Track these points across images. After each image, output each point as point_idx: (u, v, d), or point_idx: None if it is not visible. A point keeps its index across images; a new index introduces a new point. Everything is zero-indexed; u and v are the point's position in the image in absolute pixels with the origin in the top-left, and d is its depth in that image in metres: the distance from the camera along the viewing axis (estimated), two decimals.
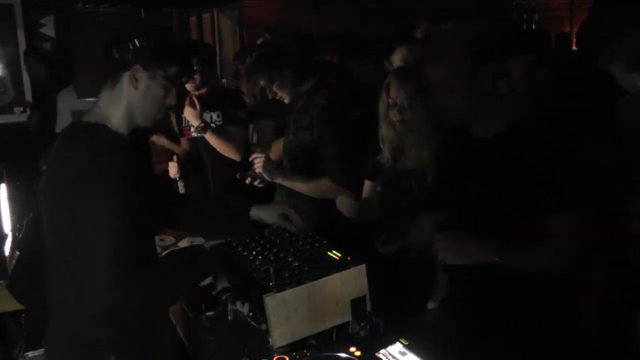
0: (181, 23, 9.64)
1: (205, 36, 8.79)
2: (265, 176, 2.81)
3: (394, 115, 2.37)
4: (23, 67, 6.24)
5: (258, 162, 2.79)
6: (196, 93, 3.52)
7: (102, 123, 1.71)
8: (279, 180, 2.83)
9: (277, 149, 3.46)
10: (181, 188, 3.44)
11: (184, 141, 3.75)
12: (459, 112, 1.77)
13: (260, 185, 2.95)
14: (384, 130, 2.43)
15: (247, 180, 2.95)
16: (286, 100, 2.80)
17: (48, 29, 6.52)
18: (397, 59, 3.32)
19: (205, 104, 3.55)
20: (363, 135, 2.63)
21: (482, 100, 1.75)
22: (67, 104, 4.30)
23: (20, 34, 6.13)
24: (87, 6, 6.44)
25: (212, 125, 3.49)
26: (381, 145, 2.48)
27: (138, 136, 1.82)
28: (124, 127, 1.74)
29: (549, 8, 8.57)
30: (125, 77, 1.70)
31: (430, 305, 2.22)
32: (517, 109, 1.84)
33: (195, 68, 3.44)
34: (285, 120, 2.92)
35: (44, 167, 1.78)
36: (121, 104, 1.72)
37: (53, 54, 6.33)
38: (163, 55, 1.71)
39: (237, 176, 2.99)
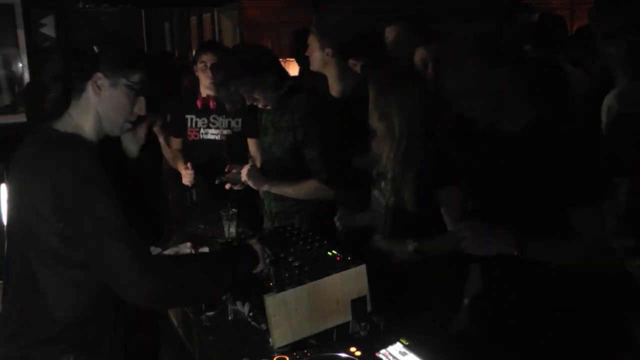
0: (181, 23, 9.65)
1: (205, 36, 8.79)
2: (252, 184, 2.79)
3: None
4: (25, 67, 6.23)
5: (243, 170, 2.77)
6: (208, 93, 3.48)
7: (77, 133, 1.71)
8: (265, 188, 2.81)
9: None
10: (194, 196, 3.41)
11: (177, 142, 3.67)
12: (481, 108, 1.78)
13: (239, 189, 2.94)
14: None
15: (227, 186, 2.94)
16: (260, 105, 2.74)
17: (48, 29, 6.51)
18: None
19: (222, 109, 3.44)
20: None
21: (505, 96, 1.77)
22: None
23: (20, 34, 6.11)
24: (87, 6, 6.45)
25: (229, 130, 3.51)
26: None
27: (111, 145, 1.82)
28: (94, 135, 1.74)
29: (549, 8, 8.57)
30: (89, 86, 1.71)
31: (465, 302, 2.22)
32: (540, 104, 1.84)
33: (210, 64, 3.36)
34: (261, 123, 2.89)
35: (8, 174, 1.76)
36: (89, 112, 1.73)
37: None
38: (123, 62, 1.71)
39: (216, 181, 2.97)
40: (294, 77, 2.92)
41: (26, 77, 6.25)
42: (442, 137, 2.28)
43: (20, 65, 6.29)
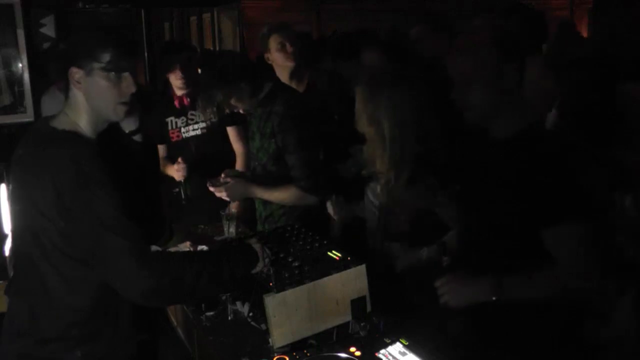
0: (181, 23, 9.65)
1: (205, 36, 8.80)
2: (235, 200, 2.78)
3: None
4: (25, 67, 6.23)
5: (228, 190, 2.72)
6: (182, 93, 3.47)
7: (74, 130, 1.72)
8: (253, 196, 2.80)
9: None
10: (183, 192, 3.42)
11: (161, 149, 3.64)
12: (479, 109, 1.76)
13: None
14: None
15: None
16: (241, 111, 2.72)
17: (48, 29, 6.50)
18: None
19: (196, 103, 3.48)
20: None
21: (503, 99, 1.74)
22: (52, 105, 4.28)
23: (20, 34, 6.10)
24: (87, 6, 6.43)
25: (206, 122, 3.51)
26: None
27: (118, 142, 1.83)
28: (91, 131, 1.75)
29: (549, 8, 8.57)
30: (71, 83, 1.72)
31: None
32: (537, 108, 1.80)
33: (179, 67, 3.38)
34: (249, 127, 2.87)
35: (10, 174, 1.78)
36: (81, 109, 1.74)
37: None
38: (88, 46, 1.70)
39: (211, 188, 2.95)
40: (274, 78, 2.87)
41: (26, 77, 6.24)
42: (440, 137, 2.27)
43: (20, 65, 6.28)
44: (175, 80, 3.47)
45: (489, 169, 1.82)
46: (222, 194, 2.73)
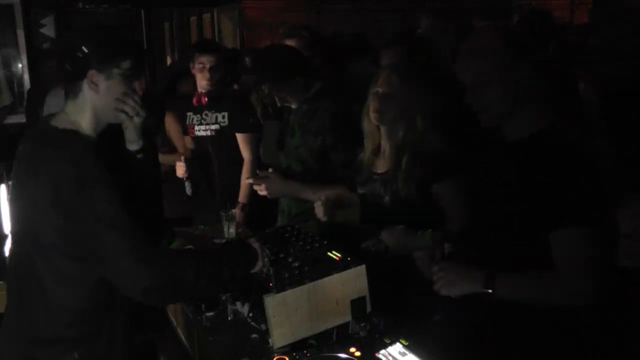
0: (181, 23, 9.67)
1: (205, 36, 8.80)
2: (273, 196, 2.75)
3: (373, 106, 2.32)
4: (24, 67, 6.24)
5: (263, 185, 2.71)
6: (204, 91, 3.48)
7: (75, 129, 1.72)
8: (293, 194, 2.78)
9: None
10: (188, 189, 3.43)
11: (188, 140, 3.73)
12: (490, 112, 1.75)
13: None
14: (366, 125, 2.40)
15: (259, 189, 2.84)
16: (293, 106, 2.75)
17: (48, 29, 6.51)
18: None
19: (211, 104, 3.52)
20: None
21: (516, 101, 1.72)
22: (56, 105, 4.30)
23: (20, 34, 6.11)
24: (87, 6, 6.44)
25: (217, 125, 3.51)
26: (365, 143, 2.46)
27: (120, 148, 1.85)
28: (91, 131, 1.76)
29: (549, 8, 8.57)
30: (85, 85, 1.72)
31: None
32: (549, 111, 1.79)
33: (208, 66, 3.42)
34: (286, 123, 2.86)
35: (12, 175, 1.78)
36: (86, 109, 1.74)
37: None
38: (112, 53, 1.72)
39: (246, 180, 2.94)
40: (321, 78, 2.88)
41: (26, 77, 6.26)
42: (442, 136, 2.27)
43: (20, 65, 6.29)
44: (202, 81, 3.48)
45: (501, 169, 1.80)
46: (260, 189, 2.72)
